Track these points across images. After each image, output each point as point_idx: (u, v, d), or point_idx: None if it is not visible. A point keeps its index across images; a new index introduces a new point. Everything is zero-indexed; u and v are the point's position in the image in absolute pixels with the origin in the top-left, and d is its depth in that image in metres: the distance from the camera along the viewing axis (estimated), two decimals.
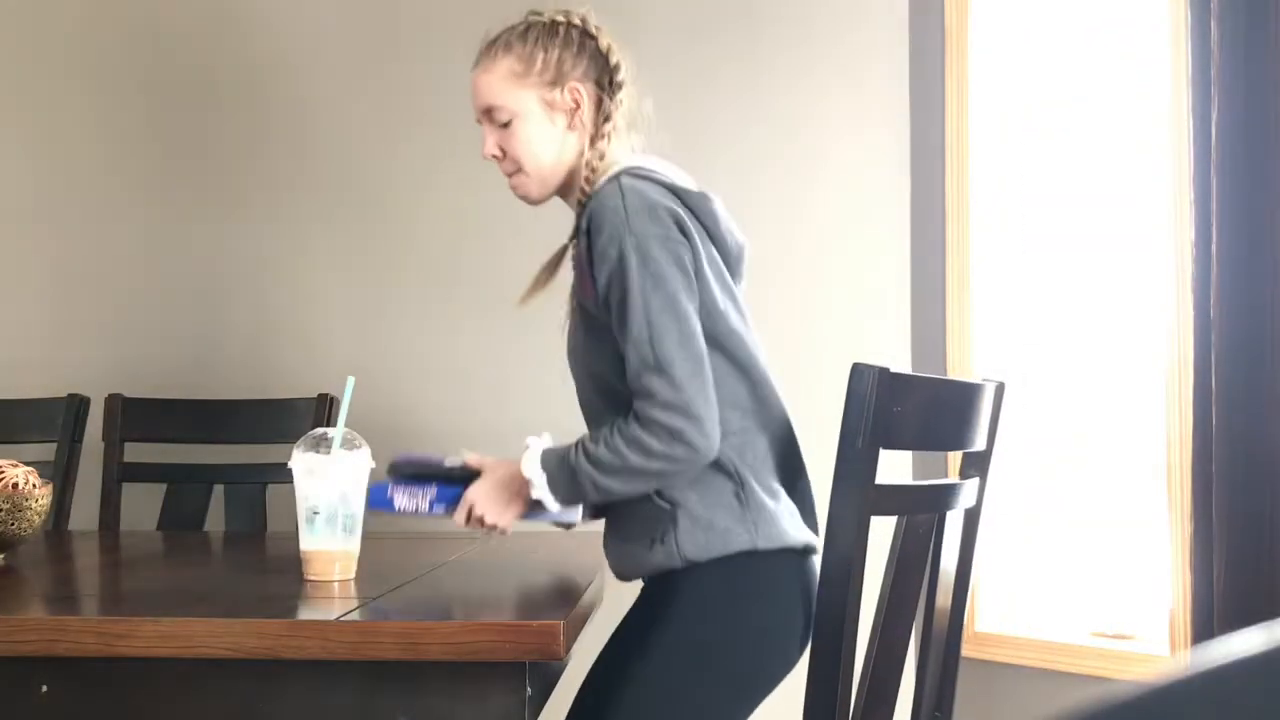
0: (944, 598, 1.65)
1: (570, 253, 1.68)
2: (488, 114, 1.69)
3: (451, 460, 1.73)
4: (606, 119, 1.66)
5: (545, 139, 1.66)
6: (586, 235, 1.56)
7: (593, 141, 1.66)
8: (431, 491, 1.66)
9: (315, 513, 1.51)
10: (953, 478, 1.77)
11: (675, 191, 1.61)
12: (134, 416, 2.62)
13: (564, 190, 1.71)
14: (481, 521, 1.63)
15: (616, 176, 1.60)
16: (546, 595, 1.55)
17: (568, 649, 1.28)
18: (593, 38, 1.68)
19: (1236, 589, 1.98)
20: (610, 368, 1.58)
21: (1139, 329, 2.40)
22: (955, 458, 2.20)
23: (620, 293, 1.53)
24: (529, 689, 1.26)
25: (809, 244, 2.72)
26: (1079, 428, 2.50)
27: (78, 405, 2.62)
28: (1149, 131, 2.36)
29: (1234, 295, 2.00)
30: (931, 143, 2.66)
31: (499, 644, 1.24)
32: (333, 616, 1.29)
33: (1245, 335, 2.00)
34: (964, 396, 1.61)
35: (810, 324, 2.70)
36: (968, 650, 2.20)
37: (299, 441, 1.54)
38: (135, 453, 2.61)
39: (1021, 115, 2.60)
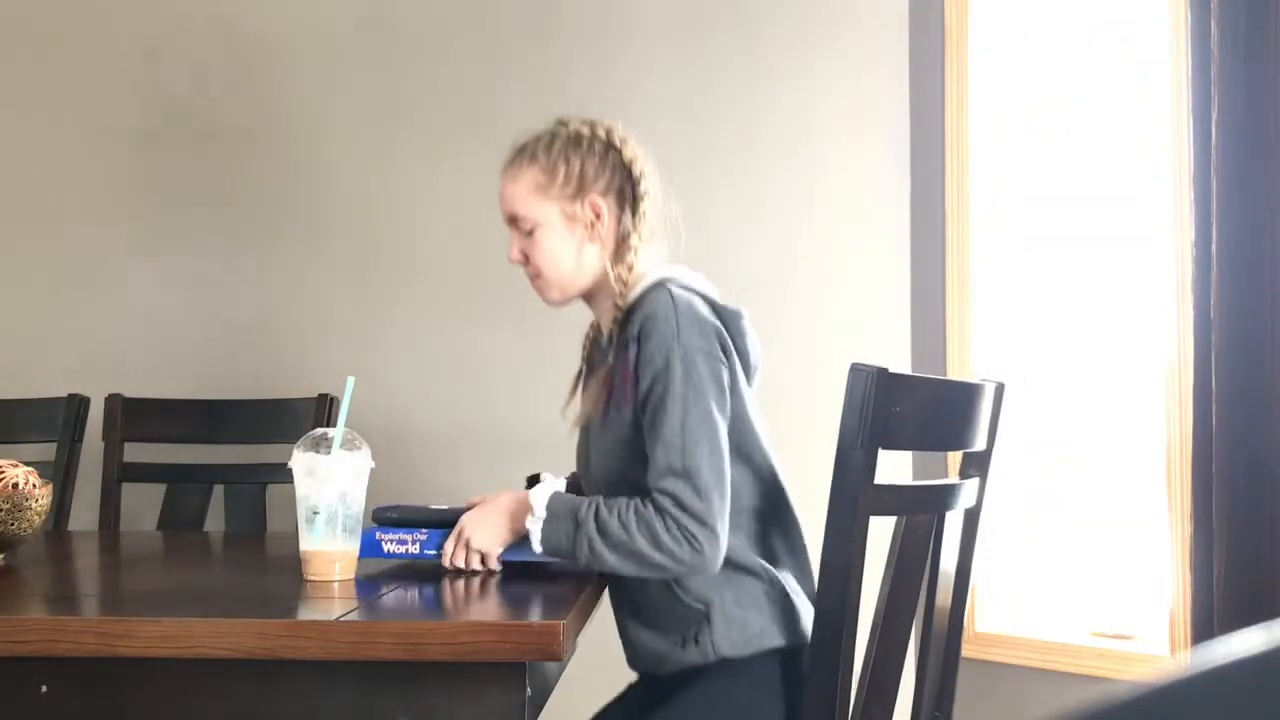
0: (944, 598, 1.65)
1: (606, 360, 1.71)
2: (513, 221, 1.72)
3: (439, 505, 1.75)
4: (630, 232, 1.69)
5: (565, 249, 1.70)
6: (636, 341, 1.60)
7: (618, 254, 1.69)
8: (422, 536, 1.66)
9: (315, 513, 1.51)
10: (952, 478, 1.77)
11: (714, 308, 1.66)
12: (134, 416, 2.62)
13: (590, 297, 1.76)
14: (468, 547, 1.62)
15: (663, 284, 1.64)
16: (546, 595, 1.55)
17: (568, 649, 1.28)
18: (617, 149, 1.71)
19: (1236, 589, 1.98)
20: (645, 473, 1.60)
21: (1139, 329, 2.40)
22: (956, 458, 2.20)
23: (659, 397, 1.57)
24: (529, 689, 1.26)
25: (809, 244, 2.73)
26: (1079, 428, 2.50)
27: (78, 405, 2.62)
28: (1149, 131, 2.36)
29: (1234, 295, 2.00)
30: (931, 143, 2.66)
31: (499, 644, 1.24)
32: (333, 616, 1.29)
33: (1245, 335, 1.99)
34: (963, 396, 1.61)
35: (810, 324, 2.70)
36: (968, 650, 2.20)
37: (299, 441, 1.54)
38: (135, 453, 2.61)
39: (1021, 115, 2.60)
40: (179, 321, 2.88)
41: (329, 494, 1.51)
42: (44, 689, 1.29)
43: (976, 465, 1.67)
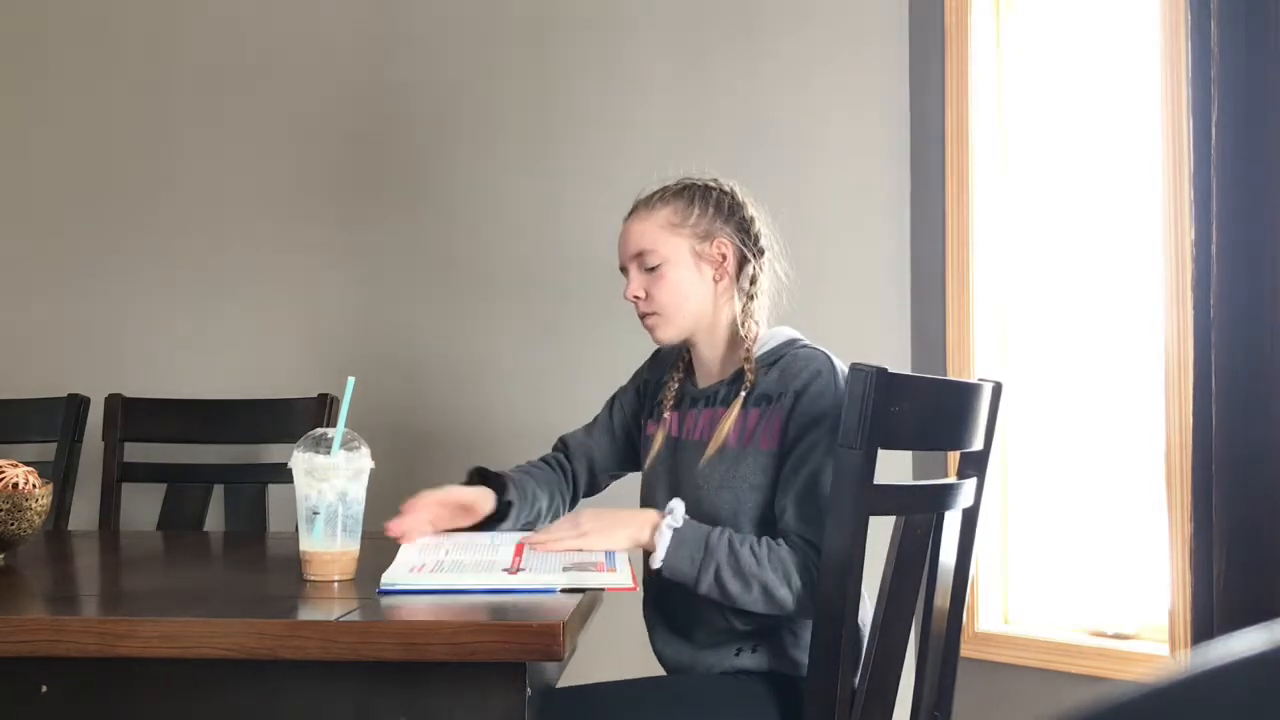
0: (943, 597, 1.66)
1: (728, 400, 1.78)
2: (637, 258, 1.80)
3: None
4: (753, 281, 1.80)
5: (691, 285, 1.79)
6: (795, 396, 1.68)
7: (746, 301, 1.79)
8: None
9: (315, 513, 1.51)
10: (951, 478, 1.77)
11: None
12: (134, 416, 2.62)
13: (695, 339, 1.82)
14: (570, 527, 1.64)
15: (806, 344, 1.78)
16: (546, 595, 1.55)
17: (568, 649, 1.28)
18: (740, 205, 1.83)
19: (1236, 589, 1.98)
20: (753, 506, 1.69)
21: (1139, 329, 2.40)
22: (955, 457, 2.20)
23: (807, 450, 1.65)
24: (529, 689, 1.26)
25: (809, 244, 2.72)
26: (1079, 427, 2.50)
27: (78, 405, 2.62)
28: (1149, 131, 2.36)
29: (1234, 295, 2.00)
30: (931, 142, 2.66)
31: (499, 644, 1.24)
32: (333, 616, 1.29)
33: (1245, 335, 1.99)
34: (961, 396, 1.61)
35: (810, 324, 2.70)
36: (967, 650, 2.20)
37: (299, 441, 1.54)
38: (135, 453, 2.61)
39: (1021, 115, 2.60)
40: (179, 321, 2.88)
41: (329, 494, 1.51)
42: (44, 689, 1.29)
43: (974, 465, 1.68)
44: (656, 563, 1.61)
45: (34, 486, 1.73)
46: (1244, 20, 1.98)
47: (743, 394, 1.73)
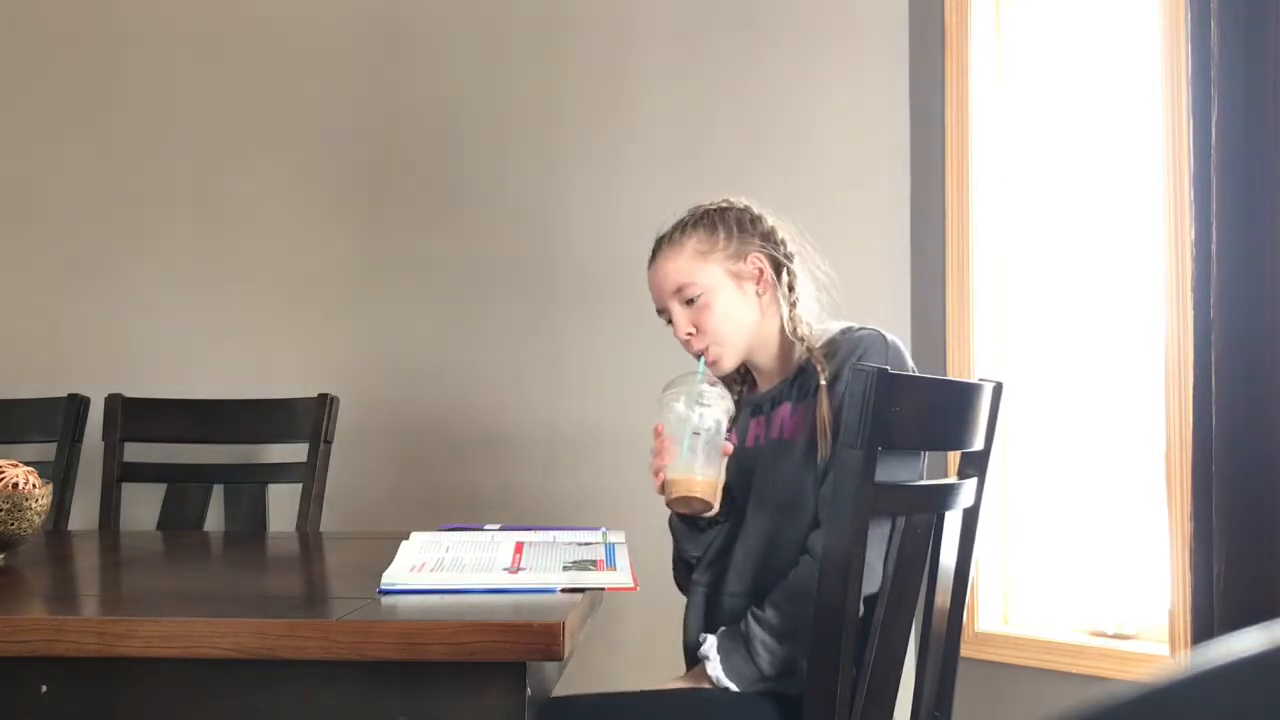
0: (943, 597, 1.66)
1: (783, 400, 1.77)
2: (677, 294, 1.77)
3: (491, 526, 1.85)
4: (791, 287, 1.77)
5: (738, 306, 1.77)
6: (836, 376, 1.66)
7: (790, 308, 1.77)
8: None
9: (696, 434, 1.64)
10: (951, 478, 1.77)
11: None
12: (134, 416, 2.62)
13: (761, 350, 1.80)
14: None
15: (878, 332, 1.73)
16: (546, 595, 1.55)
17: (568, 649, 1.27)
18: (760, 218, 1.81)
19: (1236, 589, 1.98)
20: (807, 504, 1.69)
21: (1139, 329, 2.40)
22: (955, 457, 2.20)
23: None
24: (529, 689, 1.26)
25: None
26: (1079, 427, 2.50)
27: (78, 405, 2.62)
28: (1149, 131, 2.36)
29: (1234, 295, 2.00)
30: (931, 143, 2.66)
31: (499, 644, 1.24)
32: (333, 616, 1.29)
33: (1245, 335, 1.99)
34: (962, 396, 1.61)
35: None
36: (967, 650, 2.20)
37: (670, 382, 1.70)
38: (135, 453, 2.61)
39: (1022, 115, 2.60)
40: (179, 321, 2.88)
41: (708, 419, 1.65)
42: (44, 689, 1.29)
43: (974, 465, 1.68)
44: (723, 680, 1.62)
45: (34, 486, 1.73)
46: (1244, 20, 1.98)
47: (821, 384, 1.68)
